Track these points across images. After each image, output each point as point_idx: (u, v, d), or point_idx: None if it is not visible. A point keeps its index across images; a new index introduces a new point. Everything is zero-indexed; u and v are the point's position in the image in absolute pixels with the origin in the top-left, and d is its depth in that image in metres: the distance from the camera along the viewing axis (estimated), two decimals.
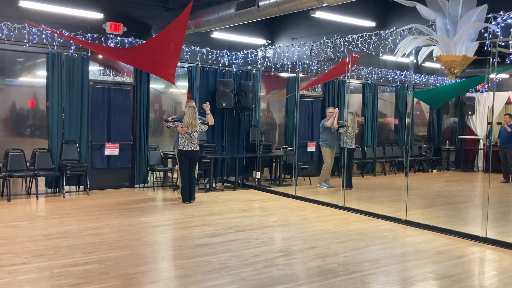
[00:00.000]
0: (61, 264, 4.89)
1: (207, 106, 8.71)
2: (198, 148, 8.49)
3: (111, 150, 9.57)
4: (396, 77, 13.82)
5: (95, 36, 9.01)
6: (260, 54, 10.54)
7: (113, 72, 9.78)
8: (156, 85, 10.45)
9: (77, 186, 9.26)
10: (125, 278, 4.56)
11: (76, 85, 9.03)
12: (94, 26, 9.13)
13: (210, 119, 8.63)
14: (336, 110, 10.41)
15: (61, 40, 8.71)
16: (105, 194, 9.14)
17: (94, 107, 9.42)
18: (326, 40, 9.04)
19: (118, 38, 9.30)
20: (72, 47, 8.88)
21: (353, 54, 8.53)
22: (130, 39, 9.41)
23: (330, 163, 10.62)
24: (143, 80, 9.85)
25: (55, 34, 8.51)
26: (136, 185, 9.95)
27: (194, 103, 8.76)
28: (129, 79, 9.93)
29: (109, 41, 9.24)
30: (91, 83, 9.39)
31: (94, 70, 9.55)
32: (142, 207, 8.13)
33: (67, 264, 4.91)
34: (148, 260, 5.25)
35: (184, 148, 8.32)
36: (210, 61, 10.60)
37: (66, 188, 9.00)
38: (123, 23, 9.30)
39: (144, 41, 9.16)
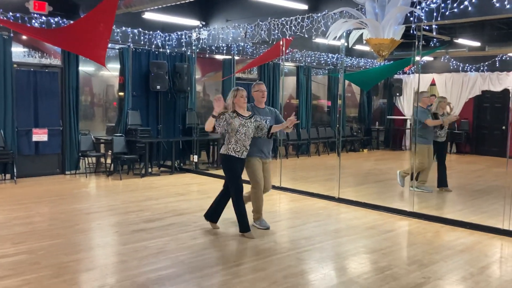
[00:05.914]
0: None
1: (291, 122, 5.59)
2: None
3: (39, 136, 9.13)
4: (329, 60, 14.16)
5: (17, 15, 8.49)
6: (194, 35, 10.39)
7: (39, 54, 9.29)
8: (85, 68, 10.05)
9: (3, 174, 8.77)
10: (58, 267, 4.42)
11: None
12: (16, 5, 8.57)
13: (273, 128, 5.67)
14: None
15: None
16: (34, 182, 8.74)
17: (19, 91, 8.91)
18: (261, 23, 9.06)
19: (43, 18, 8.81)
20: None
21: (287, 37, 8.63)
22: (56, 19, 8.95)
23: (428, 161, 8.32)
24: (72, 62, 9.42)
25: None
26: (67, 172, 9.58)
27: (260, 84, 5.92)
28: (57, 61, 9.47)
29: (34, 21, 8.73)
30: (15, 65, 8.86)
31: (18, 51, 9.02)
32: (74, 194, 7.86)
33: None
34: (82, 248, 5.11)
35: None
36: (142, 43, 10.32)
37: None
38: (49, 2, 8.80)
39: (71, 22, 8.75)
